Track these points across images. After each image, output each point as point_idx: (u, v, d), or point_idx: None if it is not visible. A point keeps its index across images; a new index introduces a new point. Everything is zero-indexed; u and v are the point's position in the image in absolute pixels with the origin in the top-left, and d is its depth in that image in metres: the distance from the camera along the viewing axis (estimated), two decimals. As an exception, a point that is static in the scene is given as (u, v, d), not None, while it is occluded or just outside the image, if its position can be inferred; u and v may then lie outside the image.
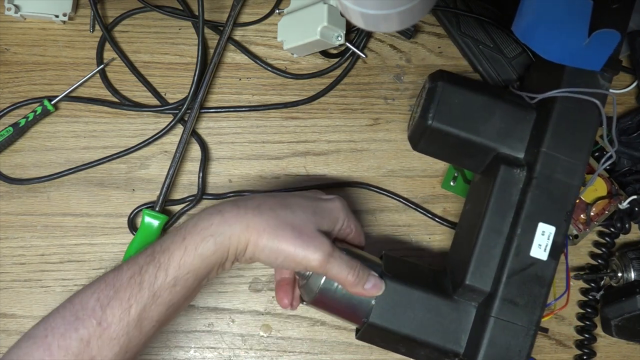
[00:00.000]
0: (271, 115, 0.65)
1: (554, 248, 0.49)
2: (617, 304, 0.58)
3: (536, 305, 0.49)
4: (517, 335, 0.48)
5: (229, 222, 0.47)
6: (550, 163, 0.49)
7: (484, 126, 0.52)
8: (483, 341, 0.49)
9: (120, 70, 0.65)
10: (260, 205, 0.49)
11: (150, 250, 0.47)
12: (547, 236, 0.49)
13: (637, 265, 0.59)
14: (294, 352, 0.61)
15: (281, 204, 0.49)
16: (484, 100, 0.52)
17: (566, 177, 0.49)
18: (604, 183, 0.58)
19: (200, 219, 0.48)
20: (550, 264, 0.49)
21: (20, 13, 0.64)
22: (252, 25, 0.66)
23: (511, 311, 0.48)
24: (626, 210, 0.59)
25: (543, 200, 0.49)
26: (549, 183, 0.49)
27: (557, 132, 0.49)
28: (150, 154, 0.64)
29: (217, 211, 0.48)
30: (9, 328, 0.61)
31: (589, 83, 0.50)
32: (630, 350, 0.61)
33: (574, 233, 0.58)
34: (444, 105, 0.52)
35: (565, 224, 0.49)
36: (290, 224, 0.48)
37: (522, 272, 0.49)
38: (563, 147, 0.49)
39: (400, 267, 0.54)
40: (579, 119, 0.50)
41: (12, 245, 0.62)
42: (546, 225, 0.49)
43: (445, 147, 0.54)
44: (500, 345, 0.48)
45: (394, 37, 0.66)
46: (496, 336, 0.48)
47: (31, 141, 0.64)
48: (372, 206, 0.63)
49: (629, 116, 0.62)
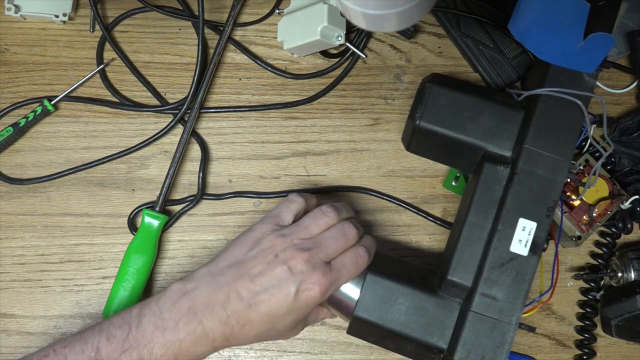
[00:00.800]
0: (271, 115, 0.65)
1: (535, 244, 0.49)
2: (617, 304, 0.58)
3: (516, 300, 0.49)
4: (496, 330, 0.48)
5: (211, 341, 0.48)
6: (532, 159, 0.50)
7: (471, 125, 0.52)
8: (461, 335, 0.49)
9: (120, 70, 0.65)
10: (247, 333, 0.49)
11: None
12: (528, 232, 0.49)
13: (637, 265, 0.59)
14: (294, 352, 0.61)
15: (266, 330, 0.49)
16: (471, 100, 0.53)
17: (548, 173, 0.50)
18: (605, 184, 0.58)
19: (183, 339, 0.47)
20: (531, 260, 0.49)
21: (20, 13, 0.64)
22: (252, 25, 0.66)
23: (490, 306, 0.49)
24: (628, 210, 0.59)
25: (524, 195, 0.49)
26: (530, 179, 0.50)
27: (539, 129, 0.50)
28: (150, 154, 0.64)
29: (204, 334, 0.47)
30: (9, 328, 0.61)
31: (573, 81, 0.51)
32: (630, 350, 0.61)
33: (577, 234, 0.58)
34: (432, 105, 0.53)
35: (547, 220, 0.49)
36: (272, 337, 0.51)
37: (502, 267, 0.49)
38: (545, 143, 0.50)
39: (388, 263, 0.54)
40: (562, 116, 0.50)
41: (12, 245, 0.62)
42: (527, 221, 0.49)
43: (435, 147, 0.55)
44: (478, 340, 0.48)
45: (394, 37, 0.66)
46: (474, 331, 0.49)
47: (31, 141, 0.64)
48: (372, 206, 0.63)
49: (629, 116, 0.62)
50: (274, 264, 0.48)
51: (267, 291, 0.47)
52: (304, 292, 0.48)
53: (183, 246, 0.63)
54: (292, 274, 0.48)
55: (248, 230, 0.52)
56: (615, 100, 0.65)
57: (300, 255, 0.48)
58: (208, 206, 0.63)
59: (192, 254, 0.63)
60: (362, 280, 0.52)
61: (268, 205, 0.63)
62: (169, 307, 0.47)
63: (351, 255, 0.51)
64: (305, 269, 0.48)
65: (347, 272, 0.50)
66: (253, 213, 0.63)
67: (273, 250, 0.49)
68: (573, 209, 0.58)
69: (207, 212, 0.63)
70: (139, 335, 0.46)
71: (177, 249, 0.63)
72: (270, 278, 0.48)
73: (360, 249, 0.51)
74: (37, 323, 0.61)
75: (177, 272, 0.62)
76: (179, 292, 0.48)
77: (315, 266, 0.48)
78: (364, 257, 0.51)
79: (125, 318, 0.47)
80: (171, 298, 0.47)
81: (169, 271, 0.62)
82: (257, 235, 0.51)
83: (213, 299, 0.47)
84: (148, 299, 0.49)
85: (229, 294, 0.47)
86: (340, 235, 0.51)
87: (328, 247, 0.50)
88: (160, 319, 0.46)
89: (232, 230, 0.63)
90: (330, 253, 0.50)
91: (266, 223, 0.51)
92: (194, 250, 0.63)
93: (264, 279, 0.48)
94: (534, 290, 0.56)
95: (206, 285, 0.48)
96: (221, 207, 0.63)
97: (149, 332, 0.46)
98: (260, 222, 0.52)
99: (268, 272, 0.48)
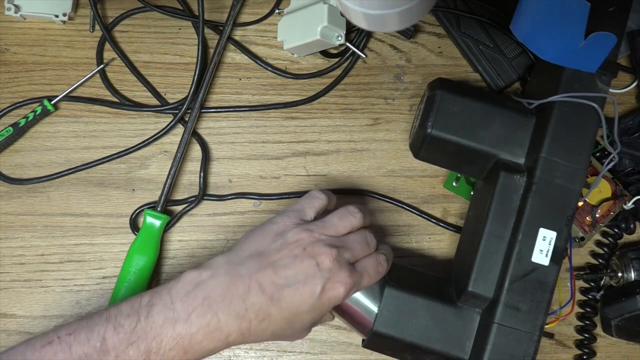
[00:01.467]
0: (271, 115, 0.65)
1: (556, 253, 0.49)
2: (617, 304, 0.58)
3: (539, 310, 0.48)
4: (521, 341, 0.48)
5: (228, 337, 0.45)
6: (549, 168, 0.49)
7: (484, 133, 0.52)
8: (487, 347, 0.48)
9: (120, 70, 0.65)
10: (265, 329, 0.46)
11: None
12: (549, 241, 0.49)
13: (637, 265, 0.59)
14: (294, 352, 0.61)
15: (284, 327, 0.47)
16: (483, 107, 0.52)
17: (566, 182, 0.49)
18: (608, 185, 0.58)
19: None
20: (552, 269, 0.49)
21: (20, 13, 0.64)
22: (252, 25, 0.66)
23: (514, 317, 0.48)
24: (631, 210, 0.59)
25: (543, 205, 0.49)
26: (548, 188, 0.49)
27: (555, 137, 0.49)
28: (150, 154, 0.64)
29: (224, 336, 0.45)
30: (9, 328, 0.61)
31: (587, 86, 0.50)
32: (630, 350, 0.61)
33: (580, 235, 0.58)
34: (443, 113, 0.52)
35: (566, 229, 0.49)
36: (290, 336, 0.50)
37: (524, 278, 0.49)
38: (562, 151, 0.49)
39: (404, 275, 0.54)
40: (577, 123, 0.50)
41: (12, 245, 0.62)
42: (547, 231, 0.49)
43: (446, 154, 0.54)
44: (503, 352, 0.48)
45: (394, 37, 0.66)
46: (499, 342, 0.48)
47: (31, 141, 0.64)
48: (372, 206, 0.63)
49: (630, 116, 0.62)
50: (301, 258, 0.46)
51: (292, 286, 0.45)
52: (329, 291, 0.46)
53: (183, 246, 0.63)
54: (319, 269, 0.46)
55: (269, 222, 0.49)
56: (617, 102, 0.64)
57: (329, 251, 0.46)
58: (208, 206, 0.63)
59: (192, 254, 0.63)
60: (380, 295, 0.51)
61: (268, 205, 0.63)
62: (182, 297, 0.44)
63: (373, 260, 0.50)
64: (332, 266, 0.46)
65: (369, 276, 0.49)
66: (253, 213, 0.63)
67: (299, 243, 0.47)
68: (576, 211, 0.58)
69: (207, 212, 0.63)
70: (148, 327, 0.43)
71: (178, 249, 0.63)
72: (297, 272, 0.45)
73: (381, 256, 0.51)
74: (37, 323, 0.61)
75: (178, 272, 0.62)
76: (194, 281, 0.45)
77: (342, 265, 0.47)
78: (384, 265, 0.50)
79: (135, 307, 0.44)
80: (185, 287, 0.45)
81: (170, 271, 0.62)
82: (281, 227, 0.48)
83: (232, 290, 0.44)
84: (160, 286, 0.46)
85: (250, 286, 0.45)
86: (363, 239, 0.50)
87: (354, 248, 0.49)
88: (172, 310, 0.44)
89: (232, 230, 0.63)
90: (356, 255, 0.49)
91: (289, 217, 0.49)
92: (194, 251, 0.63)
93: (290, 272, 0.45)
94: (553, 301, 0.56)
95: (224, 275, 0.45)
96: (221, 207, 0.63)
97: (159, 324, 0.43)
98: (281, 215, 0.49)
99: (294, 266, 0.46)
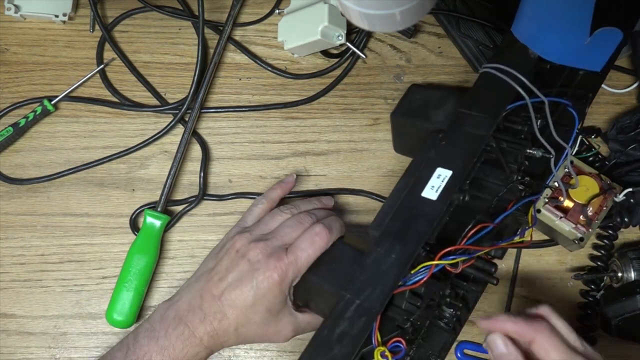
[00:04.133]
0: (271, 115, 0.65)
1: (446, 190, 0.48)
2: (617, 304, 0.58)
3: (413, 239, 0.46)
4: (387, 264, 0.46)
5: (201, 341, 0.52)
6: (461, 119, 0.50)
7: (435, 112, 0.54)
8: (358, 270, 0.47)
9: (120, 70, 0.65)
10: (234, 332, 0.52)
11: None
12: (442, 179, 0.48)
13: (637, 265, 0.59)
14: (294, 352, 0.61)
15: (244, 323, 0.52)
16: (441, 93, 0.56)
17: (474, 129, 0.49)
18: (593, 180, 0.58)
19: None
20: (438, 204, 0.47)
21: (20, 13, 0.64)
22: (252, 25, 0.66)
23: (389, 243, 0.47)
24: (623, 203, 0.59)
25: (447, 149, 0.50)
26: (456, 134, 0.50)
27: (474, 96, 0.51)
28: (150, 154, 0.64)
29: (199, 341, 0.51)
30: (9, 328, 0.61)
31: (516, 56, 0.51)
32: (630, 350, 0.61)
33: (579, 236, 0.58)
34: (406, 100, 0.58)
35: (462, 170, 0.48)
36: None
37: (410, 210, 0.48)
38: (476, 106, 0.50)
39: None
40: (498, 87, 0.50)
41: (12, 245, 0.62)
42: (443, 170, 0.49)
43: (408, 138, 0.57)
44: (369, 274, 0.46)
45: (394, 37, 0.66)
46: (370, 266, 0.47)
47: (31, 141, 0.64)
48: (372, 206, 0.63)
49: (628, 115, 0.62)
50: (237, 260, 0.52)
51: (234, 285, 0.51)
52: (264, 280, 0.51)
53: (183, 246, 0.63)
54: (251, 264, 0.51)
55: (219, 242, 0.57)
56: (616, 100, 0.65)
57: (256, 246, 0.52)
58: (208, 206, 0.63)
59: (193, 254, 0.63)
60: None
61: (268, 205, 0.63)
62: (158, 320, 0.52)
63: (306, 235, 0.53)
64: (261, 257, 0.52)
65: (305, 252, 0.52)
66: (253, 213, 0.63)
67: (234, 247, 0.53)
68: (568, 212, 0.58)
69: (207, 212, 0.63)
70: (137, 349, 0.51)
71: (178, 249, 0.63)
72: (236, 273, 0.52)
73: (317, 227, 0.53)
74: (37, 323, 0.61)
75: (178, 272, 0.62)
76: (165, 306, 0.53)
77: (270, 254, 0.52)
78: (322, 233, 0.53)
79: (123, 342, 0.52)
80: (159, 312, 0.53)
81: (170, 271, 0.62)
82: (224, 241, 0.56)
83: (192, 303, 0.52)
84: (139, 323, 0.55)
85: (203, 295, 0.52)
86: (295, 223, 0.54)
87: (284, 235, 0.53)
88: (152, 331, 0.51)
89: (232, 230, 0.63)
90: (286, 239, 0.53)
91: (232, 230, 0.57)
92: (194, 250, 0.63)
93: (231, 275, 0.52)
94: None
95: (186, 294, 0.53)
96: (221, 207, 0.63)
97: (145, 344, 0.51)
98: (228, 231, 0.57)
99: (233, 269, 0.52)
